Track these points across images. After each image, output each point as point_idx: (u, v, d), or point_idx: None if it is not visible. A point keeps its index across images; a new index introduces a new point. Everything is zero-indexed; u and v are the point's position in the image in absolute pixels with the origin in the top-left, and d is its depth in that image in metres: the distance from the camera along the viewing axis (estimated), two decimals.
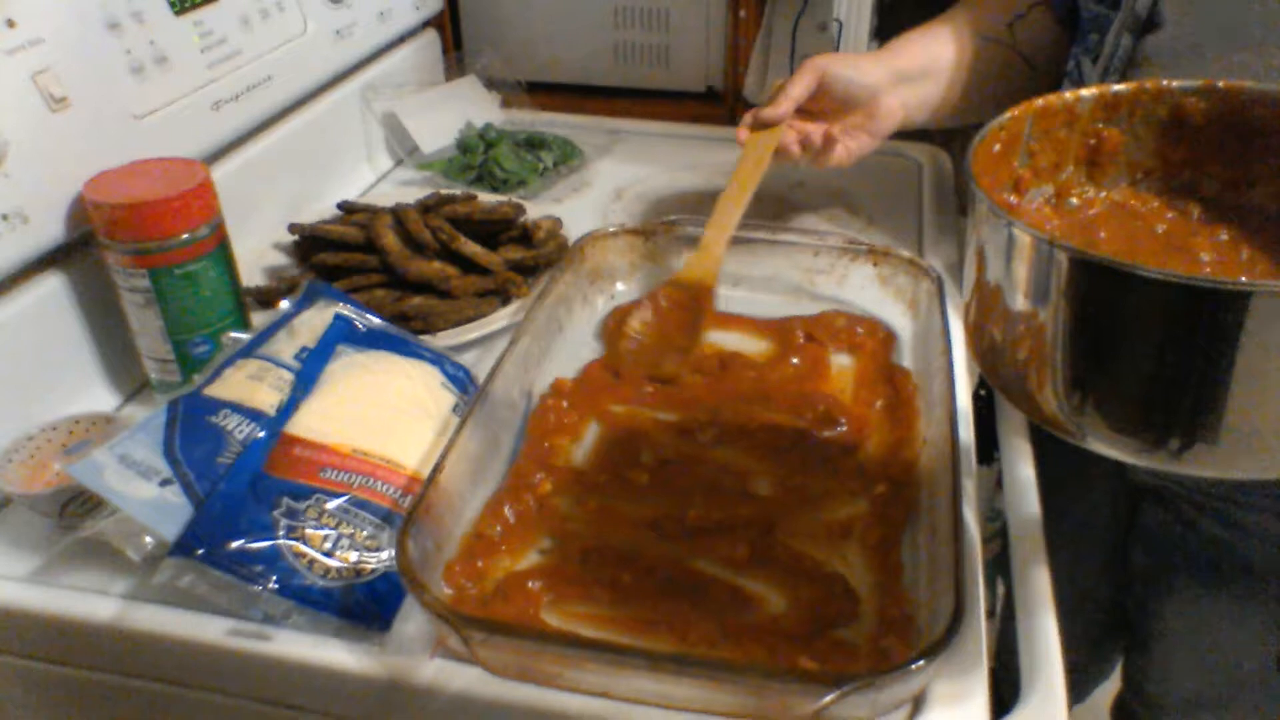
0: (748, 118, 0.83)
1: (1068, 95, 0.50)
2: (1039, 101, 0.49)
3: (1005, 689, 0.59)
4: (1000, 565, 0.97)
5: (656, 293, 0.80)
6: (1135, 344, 0.37)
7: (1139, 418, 0.39)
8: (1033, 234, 0.39)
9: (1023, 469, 0.67)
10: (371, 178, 1.05)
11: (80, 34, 0.67)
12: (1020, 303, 0.40)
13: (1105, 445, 0.41)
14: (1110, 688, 1.02)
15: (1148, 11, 0.65)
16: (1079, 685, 1.04)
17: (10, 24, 0.62)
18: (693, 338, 0.77)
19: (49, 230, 0.65)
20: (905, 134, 1.11)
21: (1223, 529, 0.75)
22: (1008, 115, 0.48)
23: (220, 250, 0.68)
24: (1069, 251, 0.38)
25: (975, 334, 0.46)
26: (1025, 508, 0.63)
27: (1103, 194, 0.51)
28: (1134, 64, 0.67)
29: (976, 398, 0.78)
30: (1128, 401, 0.39)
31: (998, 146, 0.48)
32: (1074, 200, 0.50)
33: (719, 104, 1.30)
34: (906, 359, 0.76)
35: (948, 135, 1.11)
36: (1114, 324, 0.38)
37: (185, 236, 0.65)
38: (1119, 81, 0.67)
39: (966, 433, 0.68)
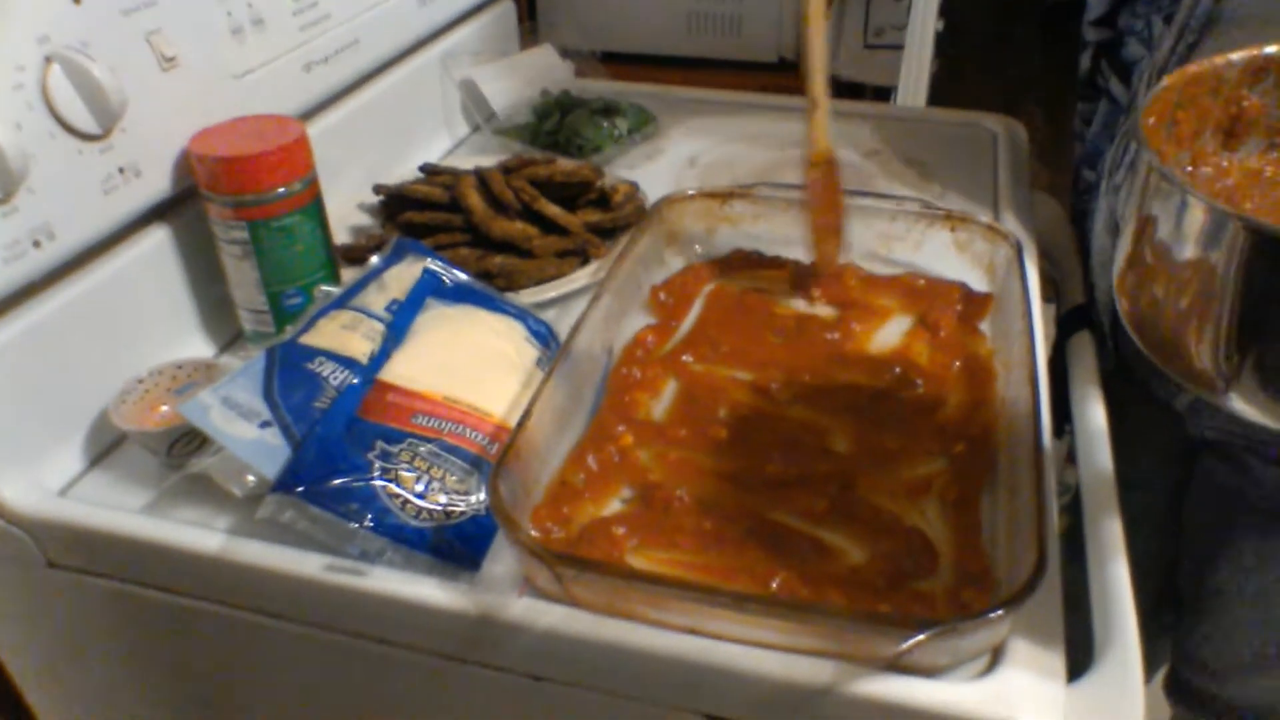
0: None
1: (1217, 60, 0.49)
2: (1191, 69, 0.49)
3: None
4: (1068, 539, 0.96)
5: (810, 182, 0.79)
6: None
7: None
8: (1209, 204, 0.39)
9: (1095, 420, 0.67)
10: (449, 143, 1.07)
11: None
12: (1187, 270, 0.40)
13: (1255, 408, 0.41)
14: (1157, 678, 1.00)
15: None
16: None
17: None
18: (841, 213, 0.79)
19: (158, 184, 0.68)
20: (979, 104, 1.11)
21: None
22: (1162, 86, 0.48)
23: (315, 205, 0.71)
24: (1246, 223, 0.38)
25: (1130, 297, 0.46)
26: (1097, 456, 0.64)
27: (1236, 159, 0.50)
28: (1212, 23, 0.66)
29: (1050, 368, 0.78)
30: None
31: (1153, 120, 0.47)
32: (1207, 169, 0.50)
33: (791, 74, 1.30)
34: (983, 323, 0.76)
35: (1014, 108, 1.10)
36: None
37: (282, 190, 0.68)
38: (1195, 41, 0.67)
39: (1044, 394, 0.68)
